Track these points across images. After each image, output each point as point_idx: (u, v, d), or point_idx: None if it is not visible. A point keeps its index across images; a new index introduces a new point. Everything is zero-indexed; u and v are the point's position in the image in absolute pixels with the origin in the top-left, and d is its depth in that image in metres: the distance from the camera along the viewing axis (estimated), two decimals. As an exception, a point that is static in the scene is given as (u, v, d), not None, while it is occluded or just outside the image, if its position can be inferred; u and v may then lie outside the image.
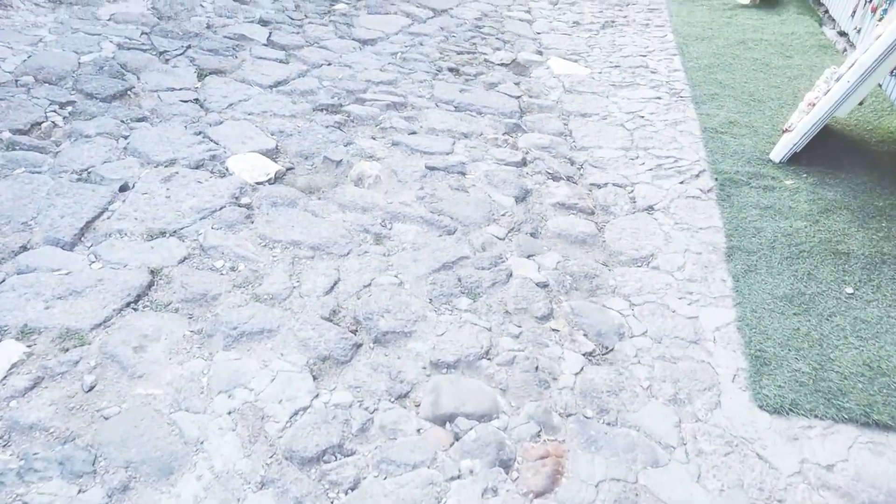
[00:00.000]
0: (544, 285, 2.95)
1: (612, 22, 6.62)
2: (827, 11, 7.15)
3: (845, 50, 6.21)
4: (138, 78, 4.26)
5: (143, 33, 4.88)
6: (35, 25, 4.77)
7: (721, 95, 4.95)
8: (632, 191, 3.72)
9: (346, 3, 6.11)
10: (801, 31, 6.61)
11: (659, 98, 4.88)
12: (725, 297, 3.00)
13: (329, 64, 4.81)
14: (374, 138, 3.90)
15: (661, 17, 6.91)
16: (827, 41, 6.43)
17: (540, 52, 5.60)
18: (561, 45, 5.83)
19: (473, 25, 6.01)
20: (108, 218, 3.07)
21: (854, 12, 6.18)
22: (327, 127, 3.94)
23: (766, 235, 3.38)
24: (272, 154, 3.65)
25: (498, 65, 5.19)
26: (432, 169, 3.63)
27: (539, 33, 6.08)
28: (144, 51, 4.61)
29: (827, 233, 3.42)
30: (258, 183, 3.41)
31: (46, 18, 4.90)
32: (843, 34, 6.47)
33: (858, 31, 6.03)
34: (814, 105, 4.01)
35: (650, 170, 3.92)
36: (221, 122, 3.89)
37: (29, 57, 4.30)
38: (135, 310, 2.61)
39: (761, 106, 4.82)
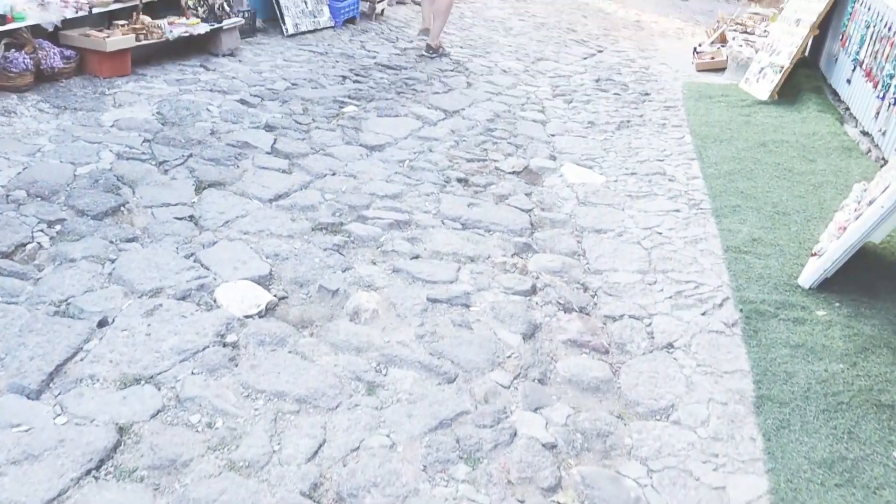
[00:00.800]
0: (552, 446, 2.65)
1: (628, 122, 6.47)
2: (848, 109, 6.98)
3: (869, 151, 6.00)
4: (133, 192, 4.11)
5: (144, 140, 4.78)
6: (36, 133, 4.69)
7: (743, 207, 4.71)
8: (650, 324, 3.45)
9: (356, 105, 6.01)
10: (823, 131, 6.42)
11: (678, 210, 4.65)
12: (756, 460, 2.68)
13: (333, 174, 4.65)
14: (374, 263, 3.68)
15: (677, 116, 6.77)
16: (850, 141, 6.23)
17: (553, 157, 5.43)
18: (575, 148, 5.66)
19: (485, 128, 5.88)
20: (82, 360, 2.84)
21: (878, 113, 5.99)
22: (325, 250, 3.73)
23: (799, 382, 3.07)
24: (265, 281, 3.44)
25: (509, 173, 5.01)
26: (434, 301, 3.38)
27: (553, 135, 5.93)
28: (143, 160, 4.49)
29: (867, 379, 3.11)
30: (247, 316, 3.19)
31: (49, 125, 4.82)
32: (866, 133, 6.27)
33: (883, 134, 5.82)
34: (844, 229, 3.76)
35: (669, 297, 3.65)
36: (215, 243, 3.70)
37: (24, 169, 4.18)
38: (95, 478, 2.34)
39: (786, 219, 4.57)
